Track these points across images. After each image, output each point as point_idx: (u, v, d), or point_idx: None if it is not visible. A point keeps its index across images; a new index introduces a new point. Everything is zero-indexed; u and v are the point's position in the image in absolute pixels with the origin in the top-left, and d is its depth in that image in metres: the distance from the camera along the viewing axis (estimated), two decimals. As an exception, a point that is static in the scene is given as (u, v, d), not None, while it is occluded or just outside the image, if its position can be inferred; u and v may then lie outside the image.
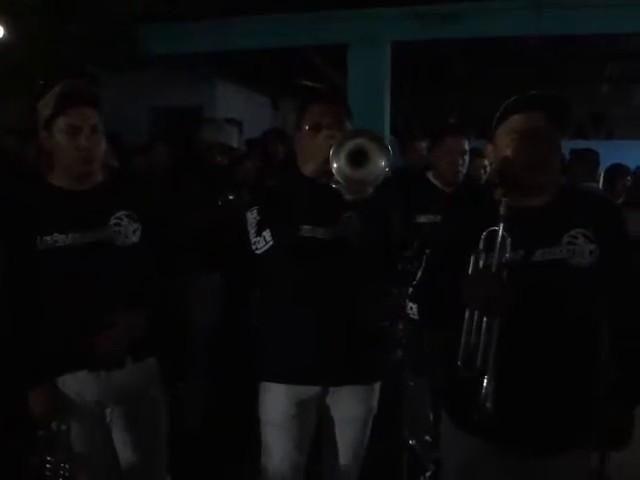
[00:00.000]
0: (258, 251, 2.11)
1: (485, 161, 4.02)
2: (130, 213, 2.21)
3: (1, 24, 5.47)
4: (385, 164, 2.01)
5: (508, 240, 1.77)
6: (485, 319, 1.78)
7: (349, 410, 2.34)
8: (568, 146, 5.36)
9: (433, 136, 3.63)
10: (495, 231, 1.78)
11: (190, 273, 3.30)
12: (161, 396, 2.37)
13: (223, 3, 6.18)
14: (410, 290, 2.07)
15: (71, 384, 2.18)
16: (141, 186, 2.42)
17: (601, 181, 4.67)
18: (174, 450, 2.41)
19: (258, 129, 6.69)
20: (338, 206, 2.11)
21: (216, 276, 3.89)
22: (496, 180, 2.00)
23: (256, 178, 4.57)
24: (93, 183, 2.21)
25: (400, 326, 2.81)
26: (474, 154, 3.70)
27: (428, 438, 3.26)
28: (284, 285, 2.26)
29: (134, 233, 2.21)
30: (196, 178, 4.15)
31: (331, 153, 1.98)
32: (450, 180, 3.39)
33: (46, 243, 2.10)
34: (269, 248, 2.08)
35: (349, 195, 2.05)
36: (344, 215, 2.14)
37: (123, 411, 2.25)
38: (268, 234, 2.08)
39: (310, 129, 2.22)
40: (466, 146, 3.43)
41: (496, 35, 6.21)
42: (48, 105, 2.11)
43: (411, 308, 2.02)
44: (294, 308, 2.24)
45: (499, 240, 1.77)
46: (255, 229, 2.13)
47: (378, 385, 2.40)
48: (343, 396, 2.31)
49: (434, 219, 3.06)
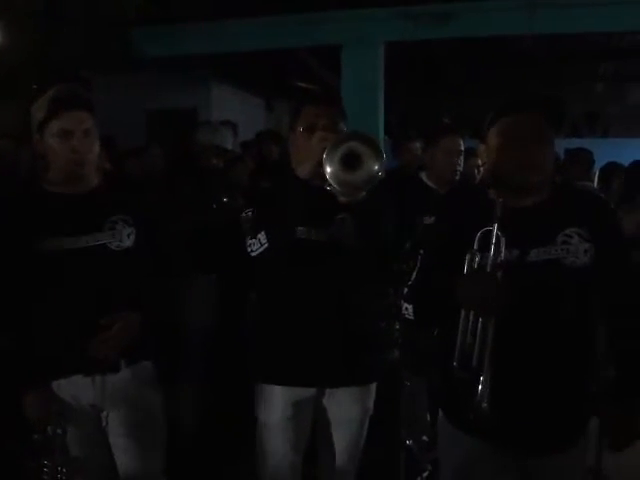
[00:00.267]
0: (253, 253, 2.11)
1: (479, 160, 4.01)
2: (125, 217, 2.21)
3: (-5, 28, 5.48)
4: (378, 168, 2.00)
5: (503, 240, 1.77)
6: (480, 319, 1.78)
7: (345, 411, 2.33)
8: (563, 145, 5.39)
9: (428, 136, 3.62)
10: (490, 231, 1.78)
11: (184, 276, 3.29)
12: (157, 399, 2.36)
13: (217, 5, 6.18)
14: (405, 290, 2.06)
15: (66, 388, 2.17)
16: (135, 190, 2.43)
17: (596, 180, 4.68)
18: (170, 452, 2.40)
19: (252, 131, 6.69)
20: (332, 208, 2.10)
21: (212, 278, 3.88)
22: (489, 180, 2.00)
23: (250, 180, 4.57)
24: (88, 187, 2.21)
25: (396, 326, 2.81)
26: (468, 153, 3.69)
27: (425, 438, 3.25)
28: (279, 287, 2.26)
29: (128, 237, 2.21)
30: (191, 181, 4.14)
31: (324, 156, 1.97)
32: (447, 180, 3.39)
33: (41, 247, 2.09)
34: (264, 250, 2.08)
35: (343, 197, 2.05)
36: (338, 217, 2.14)
37: (119, 415, 2.24)
38: (263, 236, 2.08)
39: (304, 130, 2.21)
40: (462, 146, 3.44)
41: (490, 35, 6.24)
42: (41, 109, 2.10)
43: (406, 309, 2.02)
44: (289, 310, 2.23)
45: (494, 240, 1.77)
46: (250, 231, 2.13)
47: (374, 386, 2.40)
48: (339, 397, 2.31)
49: (428, 220, 3.06)
